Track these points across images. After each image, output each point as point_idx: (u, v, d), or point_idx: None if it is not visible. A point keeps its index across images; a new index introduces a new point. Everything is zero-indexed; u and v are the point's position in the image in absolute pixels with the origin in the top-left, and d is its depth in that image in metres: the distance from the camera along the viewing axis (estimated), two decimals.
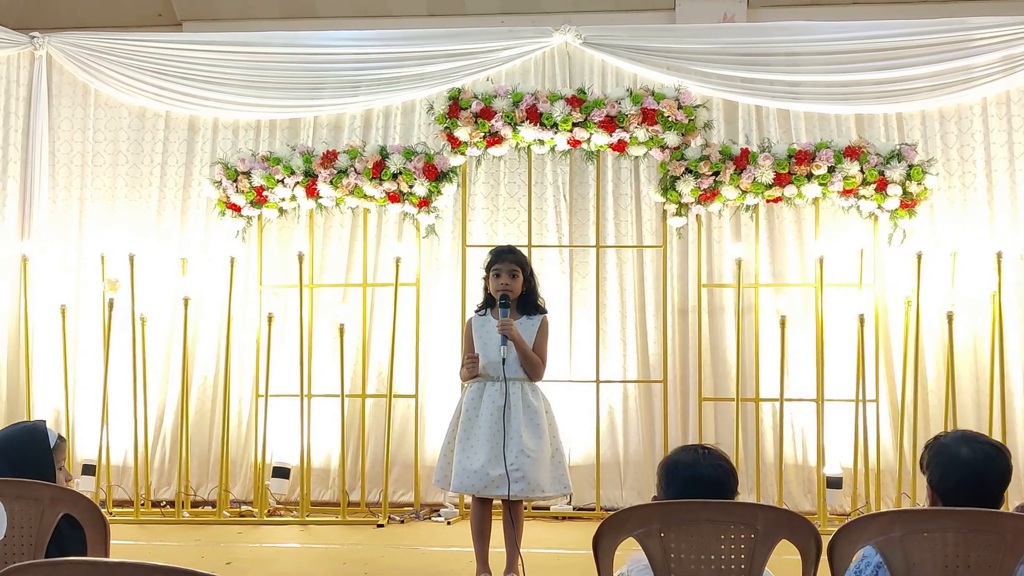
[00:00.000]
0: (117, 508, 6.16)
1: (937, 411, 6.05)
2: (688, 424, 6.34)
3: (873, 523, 2.40)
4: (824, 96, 6.42)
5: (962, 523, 2.36)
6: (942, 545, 2.35)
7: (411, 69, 6.57)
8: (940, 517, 2.39)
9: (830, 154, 5.91)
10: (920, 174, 5.89)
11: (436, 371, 6.44)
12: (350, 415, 6.29)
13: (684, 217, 6.15)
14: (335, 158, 6.18)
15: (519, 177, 6.54)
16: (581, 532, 5.36)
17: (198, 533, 5.73)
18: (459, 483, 4.29)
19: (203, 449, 6.50)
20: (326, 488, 6.46)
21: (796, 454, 6.28)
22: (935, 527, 2.36)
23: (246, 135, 6.77)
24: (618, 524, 2.49)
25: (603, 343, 6.34)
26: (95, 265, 6.37)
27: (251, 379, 6.40)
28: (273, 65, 6.67)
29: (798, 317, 6.22)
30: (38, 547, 2.62)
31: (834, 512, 5.95)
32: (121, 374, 6.22)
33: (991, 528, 2.34)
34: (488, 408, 4.31)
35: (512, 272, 4.43)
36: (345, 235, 6.65)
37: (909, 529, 2.36)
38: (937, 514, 2.42)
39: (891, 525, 2.37)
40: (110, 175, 6.79)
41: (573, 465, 6.04)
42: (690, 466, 2.62)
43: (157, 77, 6.69)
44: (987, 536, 2.33)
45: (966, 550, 2.34)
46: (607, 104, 6.01)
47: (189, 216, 6.74)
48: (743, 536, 2.45)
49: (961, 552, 2.34)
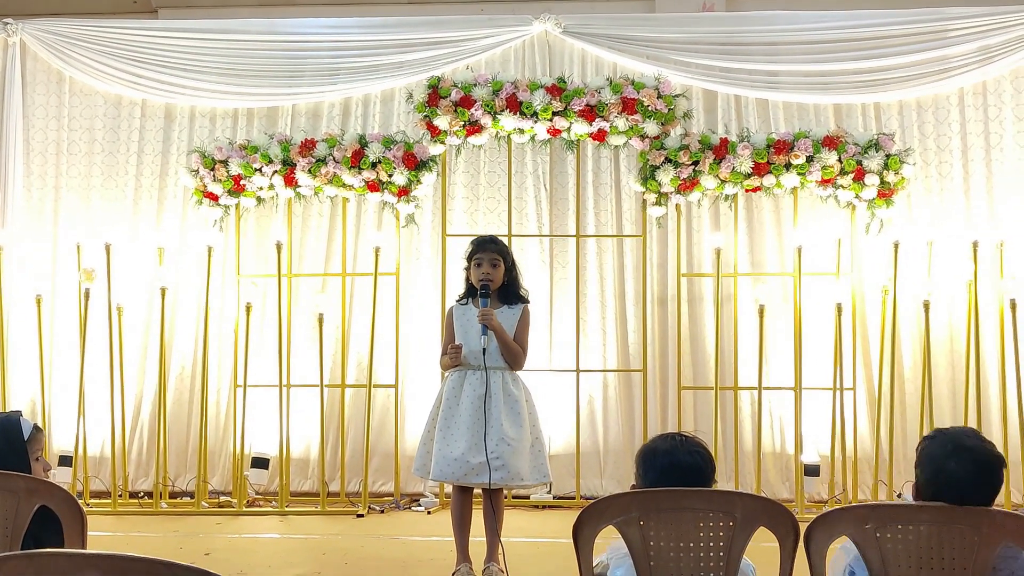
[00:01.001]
0: (94, 499, 6.13)
1: (914, 399, 6.11)
2: (667, 413, 6.37)
3: (848, 515, 2.42)
4: (803, 86, 6.45)
5: (936, 517, 2.37)
6: (916, 538, 2.35)
7: (390, 57, 6.55)
8: (914, 511, 2.40)
9: (808, 144, 5.94)
10: (897, 164, 5.93)
11: (416, 361, 6.43)
12: (330, 405, 6.27)
13: (664, 207, 6.16)
14: (313, 147, 6.15)
15: (499, 166, 6.53)
16: (561, 521, 5.37)
17: (176, 524, 5.71)
18: (439, 471, 4.28)
19: (181, 439, 6.48)
20: (305, 478, 6.44)
21: (774, 442, 6.32)
22: (909, 520, 2.37)
23: (223, 123, 6.72)
24: (598, 513, 2.50)
25: (583, 332, 6.35)
26: (71, 255, 6.32)
27: (229, 369, 6.37)
28: (251, 53, 6.63)
29: (777, 306, 6.26)
30: (14, 539, 2.61)
31: (812, 499, 6.00)
32: (98, 364, 6.19)
33: (966, 521, 2.35)
34: (469, 397, 4.30)
35: (493, 261, 4.43)
36: (324, 224, 6.63)
37: (883, 522, 2.37)
38: (910, 508, 2.43)
39: (865, 518, 2.39)
40: (86, 164, 6.73)
41: (553, 454, 6.06)
42: (668, 453, 2.64)
43: (133, 65, 6.64)
44: (962, 529, 2.34)
45: (940, 543, 2.34)
46: (587, 93, 6.01)
47: (166, 205, 6.69)
48: (722, 524, 2.46)
49: (935, 545, 2.34)
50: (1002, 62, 6.29)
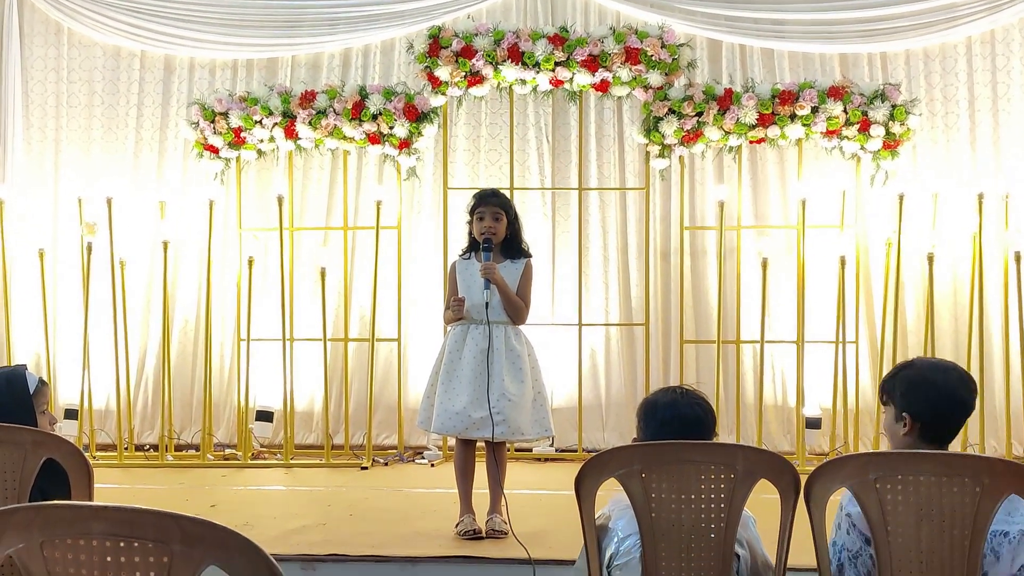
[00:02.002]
0: (100, 452, 6.17)
1: (916, 352, 6.10)
2: (670, 366, 6.39)
3: (847, 465, 2.40)
4: (809, 35, 6.38)
5: (937, 465, 2.35)
6: (915, 487, 2.34)
7: (390, 6, 6.48)
8: (915, 460, 2.38)
9: (814, 94, 5.89)
10: (903, 114, 5.88)
11: (418, 314, 6.44)
12: (333, 359, 6.30)
13: (667, 159, 6.12)
14: (314, 98, 6.10)
15: (501, 119, 6.49)
16: (564, 473, 5.42)
17: (182, 476, 5.76)
18: (440, 424, 4.31)
19: (186, 392, 6.52)
20: (310, 431, 6.49)
21: (776, 395, 6.34)
22: (909, 470, 2.35)
23: (223, 75, 6.68)
24: (600, 465, 2.52)
25: (585, 286, 6.35)
26: (72, 208, 6.31)
27: (233, 323, 6.39)
28: (249, 3, 6.57)
29: (780, 259, 6.25)
30: (21, 492, 2.64)
31: (813, 452, 6.03)
32: (101, 318, 6.20)
33: (967, 471, 2.32)
34: (471, 351, 4.32)
35: (495, 215, 4.41)
36: (325, 177, 6.61)
37: (883, 472, 2.35)
38: (912, 457, 2.41)
39: (865, 467, 2.37)
40: (86, 116, 6.70)
41: (556, 408, 6.09)
42: (669, 406, 2.66)
43: (132, 15, 6.57)
44: (962, 479, 2.32)
45: (940, 492, 2.33)
46: (590, 43, 5.95)
47: (167, 158, 6.67)
48: (723, 476, 2.48)
49: (935, 495, 2.33)
50: (1011, 9, 6.20)
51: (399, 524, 4.58)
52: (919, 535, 2.34)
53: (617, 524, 2.63)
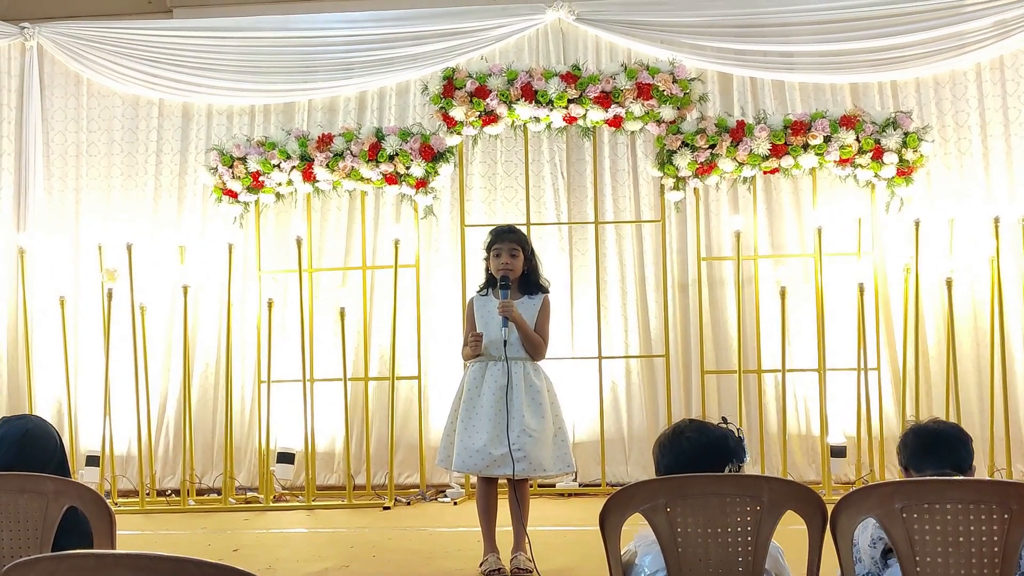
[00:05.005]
0: (122, 498, 6.16)
1: (939, 377, 6.05)
2: (691, 397, 6.34)
3: (873, 494, 2.37)
4: (818, 66, 6.39)
5: (964, 492, 2.30)
6: (942, 516, 2.29)
7: (405, 50, 6.54)
8: (941, 488, 2.34)
9: (826, 124, 5.88)
10: (916, 141, 5.86)
11: (438, 352, 6.43)
12: (353, 398, 6.28)
13: (682, 191, 6.12)
14: (331, 141, 6.14)
15: (516, 155, 6.51)
16: (587, 509, 5.36)
17: (204, 521, 5.74)
18: (461, 462, 4.28)
19: (207, 436, 6.51)
20: (331, 472, 6.46)
21: (799, 424, 6.29)
22: (936, 498, 2.31)
23: (240, 120, 6.75)
24: (624, 500, 2.49)
25: (604, 319, 6.33)
26: (93, 255, 6.35)
27: (253, 365, 6.39)
28: (265, 49, 6.64)
29: (798, 287, 6.21)
30: (44, 540, 2.62)
31: (839, 481, 5.97)
32: (122, 364, 6.21)
33: (996, 498, 2.28)
34: (490, 387, 4.29)
35: (512, 251, 4.40)
36: (343, 218, 6.64)
37: (910, 500, 2.31)
38: (938, 484, 2.37)
39: (891, 497, 2.33)
40: (105, 164, 6.77)
41: (578, 442, 6.06)
42: (676, 435, 2.66)
43: (149, 65, 6.66)
44: (990, 507, 2.27)
45: (967, 520, 2.28)
46: (602, 80, 5.97)
47: (186, 203, 6.72)
48: (749, 508, 2.44)
49: (964, 524, 2.28)
50: (1019, 36, 6.21)
51: (423, 564, 4.54)
52: (947, 564, 2.29)
53: (644, 560, 2.59)
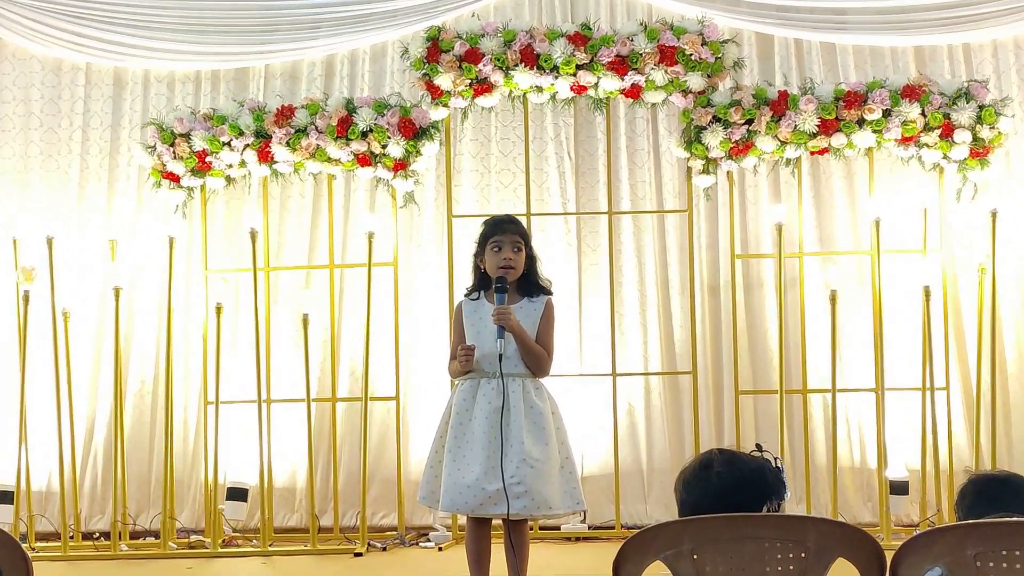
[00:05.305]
0: (41, 542, 6.16)
1: (1019, 398, 6.08)
2: (723, 422, 6.36)
3: (941, 539, 2.37)
4: (876, 26, 6.42)
5: None
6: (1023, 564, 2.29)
7: (381, 4, 6.55)
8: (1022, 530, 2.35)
9: (885, 95, 5.89)
10: (993, 116, 5.87)
11: (420, 368, 6.45)
12: (318, 423, 6.29)
13: (712, 175, 6.12)
14: (292, 114, 6.14)
15: (514, 132, 6.53)
16: (599, 555, 5.39)
17: (139, 570, 5.75)
18: (449, 501, 4.27)
19: (142, 469, 6.52)
20: (292, 511, 6.48)
21: (852, 455, 6.30)
22: (1016, 544, 2.31)
23: (184, 89, 6.76)
24: (642, 545, 2.49)
25: (619, 328, 6.35)
26: (6, 251, 6.34)
27: (198, 383, 6.39)
28: (215, 4, 6.64)
29: (851, 291, 6.23)
30: None
31: (900, 523, 5.99)
32: (41, 381, 6.21)
33: None
34: (483, 410, 4.28)
35: (515, 245, 4.37)
36: (307, 207, 6.65)
37: (986, 546, 2.31)
38: (1019, 527, 2.37)
39: (963, 541, 2.33)
40: (21, 141, 6.77)
41: (587, 476, 6.06)
42: (702, 469, 2.64)
43: (75, 23, 6.67)
44: None
45: None
46: (617, 41, 5.97)
47: (117, 189, 6.73)
48: (792, 555, 2.44)
49: None
50: None
51: None
52: None
53: None
